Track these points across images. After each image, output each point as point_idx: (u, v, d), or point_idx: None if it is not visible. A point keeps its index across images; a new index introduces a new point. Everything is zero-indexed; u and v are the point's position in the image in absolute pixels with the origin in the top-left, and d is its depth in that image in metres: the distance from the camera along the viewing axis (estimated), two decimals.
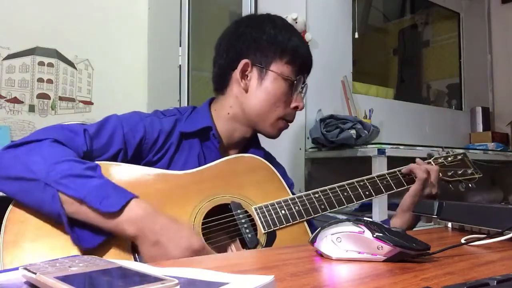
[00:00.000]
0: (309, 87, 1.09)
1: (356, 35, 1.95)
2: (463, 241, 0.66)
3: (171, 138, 0.98)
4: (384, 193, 1.03)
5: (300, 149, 1.76)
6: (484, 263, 0.56)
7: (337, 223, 0.61)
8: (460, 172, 1.10)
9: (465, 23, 2.57)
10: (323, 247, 0.59)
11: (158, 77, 2.68)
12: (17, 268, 0.43)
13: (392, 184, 1.04)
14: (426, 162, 1.09)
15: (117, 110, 1.02)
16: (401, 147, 1.66)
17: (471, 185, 1.12)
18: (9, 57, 2.34)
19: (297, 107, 1.04)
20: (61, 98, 2.48)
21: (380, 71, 2.75)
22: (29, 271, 0.41)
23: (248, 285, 0.38)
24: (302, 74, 1.04)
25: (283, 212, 0.93)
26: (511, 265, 0.55)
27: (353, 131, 1.61)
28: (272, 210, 0.93)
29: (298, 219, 0.94)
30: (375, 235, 0.56)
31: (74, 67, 2.53)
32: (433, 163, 1.09)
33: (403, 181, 1.05)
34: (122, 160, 0.91)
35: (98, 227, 0.76)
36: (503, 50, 2.59)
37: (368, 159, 1.58)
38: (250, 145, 1.09)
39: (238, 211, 0.91)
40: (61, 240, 0.77)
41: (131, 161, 0.92)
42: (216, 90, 1.09)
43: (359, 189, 1.00)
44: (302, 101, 1.05)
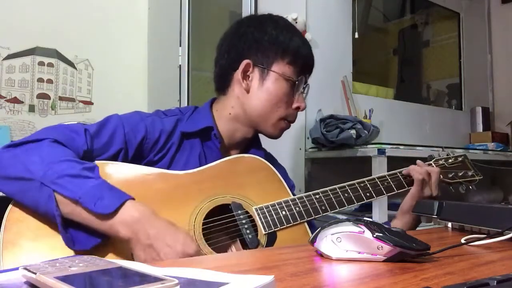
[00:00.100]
0: (309, 87, 1.09)
1: (356, 35, 1.95)
2: (463, 241, 0.66)
3: (172, 138, 0.98)
4: (384, 194, 1.03)
5: (300, 149, 1.76)
6: (484, 263, 0.56)
7: (337, 223, 0.61)
8: (460, 174, 1.10)
9: (465, 23, 2.57)
10: (323, 247, 0.59)
11: (158, 77, 2.68)
12: (17, 268, 0.43)
13: (393, 185, 1.04)
14: (426, 164, 1.09)
15: (117, 110, 1.02)
16: (401, 147, 1.66)
17: (471, 187, 1.11)
18: (9, 57, 2.34)
19: (298, 108, 1.04)
20: (61, 98, 2.48)
21: (380, 71, 2.75)
22: (29, 271, 0.41)
23: (248, 285, 0.38)
24: (303, 74, 1.04)
25: (283, 212, 0.93)
26: (511, 265, 0.55)
27: (353, 131, 1.61)
28: (273, 210, 0.93)
29: (299, 220, 0.94)
30: (375, 235, 0.56)
31: (74, 67, 2.53)
32: (433, 165, 1.09)
33: (404, 183, 1.05)
34: (122, 160, 0.91)
35: (93, 228, 0.76)
36: (503, 50, 2.59)
37: (368, 159, 1.58)
38: (251, 146, 1.09)
39: (239, 211, 0.91)
40: (61, 240, 0.76)
41: (132, 161, 0.92)
42: (218, 90, 1.09)
43: (360, 190, 1.00)
44: (303, 101, 1.05)
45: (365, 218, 0.62)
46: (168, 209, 0.84)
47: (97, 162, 0.85)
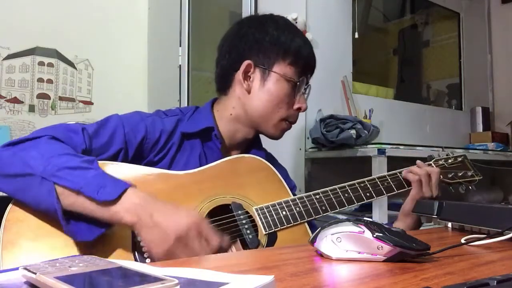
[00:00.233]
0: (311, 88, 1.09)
1: (356, 35, 1.95)
2: (463, 241, 0.66)
3: (172, 138, 0.98)
4: (384, 194, 1.03)
5: (300, 149, 1.77)
6: (484, 263, 0.56)
7: (337, 223, 0.61)
8: (460, 174, 1.10)
9: (465, 23, 2.57)
10: (323, 247, 0.59)
11: (158, 77, 2.68)
12: (17, 268, 0.43)
13: (393, 185, 1.04)
14: (426, 164, 1.09)
15: (117, 110, 1.02)
16: (401, 147, 1.66)
17: (471, 187, 1.11)
18: (9, 57, 2.34)
19: (300, 109, 1.04)
20: (61, 98, 2.48)
21: (380, 71, 2.75)
22: (29, 271, 0.41)
23: (248, 285, 0.38)
24: (305, 75, 1.04)
25: (284, 213, 0.93)
26: (511, 265, 0.55)
27: (353, 131, 1.61)
28: (273, 211, 0.93)
29: (299, 220, 0.94)
30: (375, 235, 0.56)
31: (74, 67, 2.53)
32: (433, 165, 1.09)
33: (404, 183, 1.05)
34: (122, 160, 0.91)
35: (96, 218, 0.76)
36: (503, 50, 2.59)
37: (368, 159, 1.58)
38: (252, 146, 1.09)
39: (239, 211, 0.91)
40: (61, 240, 0.77)
41: (132, 161, 0.92)
42: (219, 90, 1.08)
43: (360, 191, 1.00)
44: (305, 102, 1.05)
45: (365, 218, 0.62)
46: None
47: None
